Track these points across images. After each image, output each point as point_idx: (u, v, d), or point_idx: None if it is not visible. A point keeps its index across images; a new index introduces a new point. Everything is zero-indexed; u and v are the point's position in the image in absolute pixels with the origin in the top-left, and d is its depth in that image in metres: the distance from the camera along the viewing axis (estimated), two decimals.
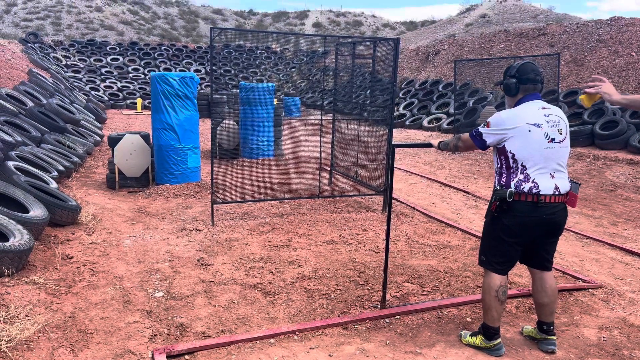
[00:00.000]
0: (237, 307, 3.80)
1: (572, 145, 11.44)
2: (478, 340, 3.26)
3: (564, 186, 3.04)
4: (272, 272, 4.48)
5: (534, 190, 2.96)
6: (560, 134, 3.02)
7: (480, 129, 3.13)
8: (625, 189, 8.48)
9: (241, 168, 9.46)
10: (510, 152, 3.02)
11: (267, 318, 3.65)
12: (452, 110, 15.67)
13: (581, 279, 4.43)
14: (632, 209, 7.14)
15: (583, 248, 5.41)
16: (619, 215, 6.78)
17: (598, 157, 10.50)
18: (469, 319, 3.68)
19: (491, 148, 3.16)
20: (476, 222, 6.31)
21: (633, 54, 14.05)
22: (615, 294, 4.19)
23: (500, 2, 38.07)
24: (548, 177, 3.00)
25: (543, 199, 2.97)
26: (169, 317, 3.62)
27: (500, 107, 14.32)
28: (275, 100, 16.01)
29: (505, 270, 3.18)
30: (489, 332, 3.21)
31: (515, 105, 3.13)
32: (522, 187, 2.98)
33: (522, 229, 3.04)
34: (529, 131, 2.96)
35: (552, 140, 2.99)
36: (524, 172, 2.99)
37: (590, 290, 4.23)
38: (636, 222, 6.45)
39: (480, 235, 5.65)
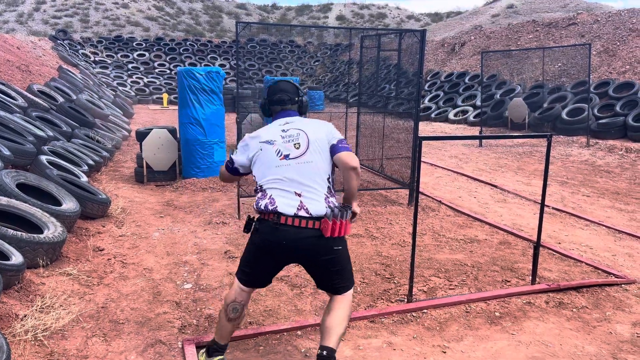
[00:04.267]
0: (264, 300, 3.83)
1: (603, 137, 11.17)
2: (202, 356, 2.90)
3: (316, 209, 2.60)
4: (298, 265, 4.49)
5: (270, 208, 2.59)
6: (298, 148, 2.68)
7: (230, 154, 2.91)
8: None
9: None
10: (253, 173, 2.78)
11: (294, 310, 3.68)
12: (478, 103, 15.44)
13: (613, 274, 4.33)
14: None
15: (615, 242, 5.28)
16: None
17: (631, 149, 10.21)
18: (497, 314, 3.64)
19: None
20: (504, 215, 6.22)
21: None
22: None
23: None
24: (290, 196, 2.62)
25: (284, 220, 2.57)
26: (198, 309, 3.67)
27: (527, 98, 14.05)
28: None
29: (247, 284, 2.78)
30: (212, 347, 2.87)
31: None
32: (259, 204, 2.66)
33: (263, 250, 2.66)
34: (261, 149, 2.72)
35: (286, 157, 2.67)
36: (262, 190, 2.70)
37: (623, 285, 4.13)
38: None
39: (508, 229, 5.58)
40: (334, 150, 2.74)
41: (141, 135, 7.61)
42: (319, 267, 2.70)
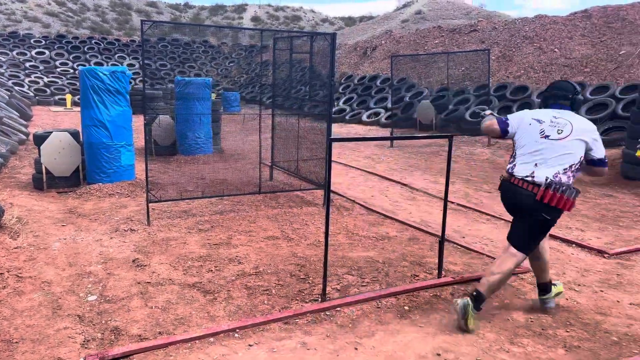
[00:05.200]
0: (175, 308, 3.71)
1: None
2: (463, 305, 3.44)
3: (539, 178, 3.38)
4: (211, 270, 4.40)
5: (510, 171, 3.55)
6: (559, 134, 3.44)
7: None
8: None
9: (178, 165, 9.23)
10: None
11: (207, 317, 3.59)
12: (389, 105, 16.00)
13: None
14: None
15: None
16: None
17: None
18: (406, 308, 3.78)
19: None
20: (413, 213, 6.49)
21: (556, 50, 14.89)
22: None
23: None
24: (529, 165, 3.47)
25: (513, 180, 3.51)
26: (103, 321, 3.48)
27: (434, 101, 14.77)
28: (214, 95, 15.73)
29: None
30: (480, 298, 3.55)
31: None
32: (507, 167, 3.62)
33: (504, 202, 3.68)
34: (530, 124, 3.55)
35: (547, 137, 3.45)
36: (513, 156, 3.61)
37: (519, 274, 4.46)
38: None
39: (417, 226, 5.83)
40: (593, 161, 3.49)
41: (40, 139, 7.09)
42: (521, 219, 3.52)
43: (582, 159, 3.44)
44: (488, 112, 3.93)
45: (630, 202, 7.25)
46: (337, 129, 15.14)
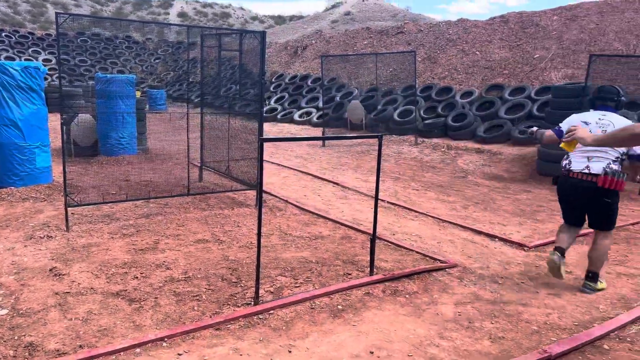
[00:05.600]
0: (97, 319, 3.49)
1: (429, 136, 12.43)
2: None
3: (595, 169, 3.98)
4: (137, 277, 4.19)
5: (567, 167, 4.17)
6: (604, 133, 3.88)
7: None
8: (474, 175, 9.41)
9: (100, 166, 8.75)
10: None
11: (132, 327, 3.41)
12: (321, 105, 16.09)
13: (439, 260, 4.80)
14: (480, 193, 7.94)
15: (440, 231, 5.87)
16: (469, 199, 7.49)
17: (451, 147, 11.50)
18: (340, 307, 3.78)
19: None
20: (345, 211, 6.54)
21: (477, 52, 15.62)
22: (467, 271, 4.60)
23: (363, 0, 39.93)
24: (582, 160, 4.08)
25: (572, 175, 4.14)
26: (16, 337, 3.20)
27: (364, 101, 15.03)
28: (138, 93, 15.12)
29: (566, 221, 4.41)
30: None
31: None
32: (562, 163, 4.26)
33: (562, 194, 4.35)
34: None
35: None
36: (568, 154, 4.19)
37: (447, 269, 4.60)
38: (483, 205, 7.18)
39: (349, 224, 5.88)
40: (635, 156, 4.00)
41: None
42: (591, 208, 4.10)
43: (626, 150, 4.03)
44: (535, 128, 4.57)
45: (545, 197, 7.73)
46: (269, 128, 15.03)
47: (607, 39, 13.09)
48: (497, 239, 5.57)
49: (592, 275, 4.20)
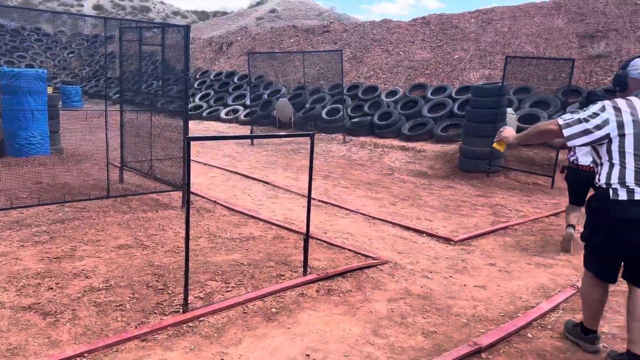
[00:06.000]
0: (6, 336, 3.16)
1: (356, 135, 12.59)
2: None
3: None
4: (51, 288, 3.85)
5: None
6: None
7: None
8: (400, 172, 9.63)
9: (8, 168, 8.03)
10: None
11: (47, 343, 3.12)
12: (248, 102, 15.84)
13: (371, 257, 4.83)
14: (406, 190, 8.13)
15: (370, 228, 5.93)
16: (396, 196, 7.64)
17: (377, 144, 11.72)
18: (273, 310, 3.69)
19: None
20: (277, 211, 6.44)
21: (401, 52, 16.05)
22: (398, 267, 4.67)
23: None
24: None
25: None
26: None
27: (292, 99, 14.97)
28: (50, 89, 14.14)
29: None
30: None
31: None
32: None
33: None
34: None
35: None
36: None
37: (378, 266, 4.64)
38: (410, 201, 7.35)
39: (280, 224, 5.79)
40: None
41: None
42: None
43: (567, 156, 4.65)
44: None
45: (468, 192, 8.05)
46: (194, 127, 14.57)
47: (519, 42, 13.91)
48: (424, 234, 5.70)
49: None
